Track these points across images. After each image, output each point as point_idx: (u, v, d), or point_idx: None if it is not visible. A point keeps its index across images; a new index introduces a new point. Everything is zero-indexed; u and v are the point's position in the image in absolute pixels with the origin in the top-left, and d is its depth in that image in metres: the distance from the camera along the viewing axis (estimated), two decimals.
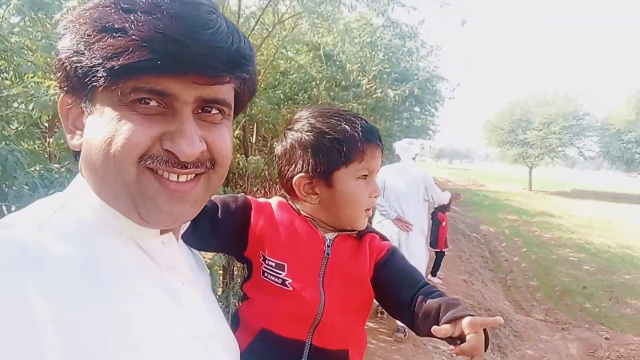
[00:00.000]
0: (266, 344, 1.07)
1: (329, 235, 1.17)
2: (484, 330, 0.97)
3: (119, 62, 0.62)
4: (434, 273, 7.63)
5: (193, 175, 0.74)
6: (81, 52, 0.65)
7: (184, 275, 0.83)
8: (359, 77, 6.68)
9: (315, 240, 1.15)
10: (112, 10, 0.65)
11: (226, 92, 0.75)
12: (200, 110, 0.72)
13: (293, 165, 1.18)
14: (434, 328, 0.99)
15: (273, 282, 1.11)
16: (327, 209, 1.17)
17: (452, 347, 0.99)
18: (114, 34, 0.63)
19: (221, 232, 1.10)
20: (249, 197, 1.21)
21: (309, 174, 1.16)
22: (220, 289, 3.93)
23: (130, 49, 0.62)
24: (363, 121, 1.16)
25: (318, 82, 5.82)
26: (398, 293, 1.15)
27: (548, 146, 36.86)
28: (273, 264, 1.11)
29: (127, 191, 0.69)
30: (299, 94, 5.46)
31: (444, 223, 7.74)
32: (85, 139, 0.71)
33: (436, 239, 7.68)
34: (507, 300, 8.52)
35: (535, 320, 7.46)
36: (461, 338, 0.96)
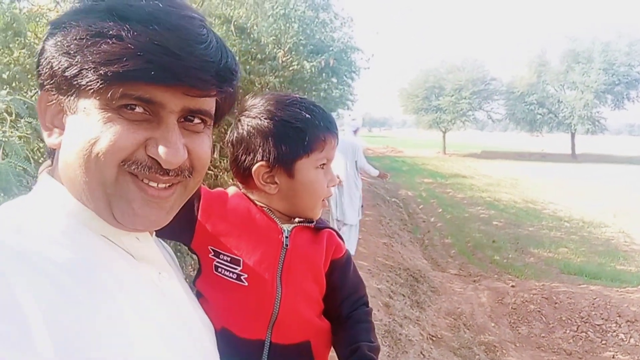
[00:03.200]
0: (226, 345, 1.01)
1: (287, 226, 1.14)
2: None
3: (113, 68, 0.63)
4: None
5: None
6: (72, 54, 0.65)
7: (160, 266, 0.83)
8: (275, 50, 6.67)
9: (272, 231, 1.12)
10: (107, 17, 0.65)
11: (210, 103, 0.77)
12: (183, 119, 0.73)
13: (252, 154, 1.14)
14: None
15: (227, 278, 1.07)
16: (285, 198, 1.15)
17: None
18: (109, 40, 0.64)
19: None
20: (202, 186, 1.14)
21: (270, 162, 1.12)
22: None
23: (126, 57, 0.63)
24: (321, 110, 1.16)
25: (234, 55, 5.76)
26: (339, 303, 1.18)
27: (459, 111, 38.78)
28: (228, 259, 1.07)
29: (104, 191, 0.69)
30: None
31: None
32: (67, 138, 0.71)
33: None
34: (425, 258, 9.05)
35: (450, 275, 8.01)
36: None
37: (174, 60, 0.65)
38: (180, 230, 1.09)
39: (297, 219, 1.17)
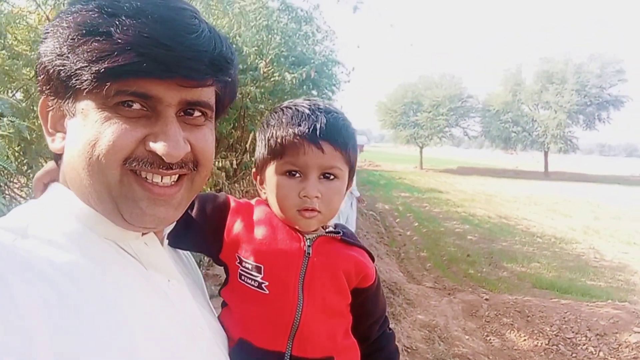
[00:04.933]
0: (244, 355, 1.00)
1: (311, 236, 1.09)
2: None
3: (104, 65, 0.63)
4: None
5: (177, 177, 0.74)
6: (64, 56, 0.65)
7: (169, 273, 0.82)
8: (257, 61, 6.70)
9: (293, 239, 1.07)
10: (96, 15, 0.65)
11: (208, 94, 0.75)
12: (182, 113, 0.73)
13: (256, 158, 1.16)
14: None
15: (249, 286, 1.04)
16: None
17: None
18: (99, 38, 0.63)
19: (195, 231, 1.00)
20: (230, 196, 1.14)
21: (256, 167, 1.14)
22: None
23: (116, 52, 0.63)
24: (321, 116, 1.06)
25: None
26: (367, 327, 1.18)
27: (436, 127, 39.39)
28: (250, 266, 1.04)
29: (110, 193, 0.69)
30: None
31: None
32: (69, 142, 0.70)
33: None
34: (401, 271, 9.11)
35: (425, 287, 8.07)
36: None
37: (165, 52, 0.65)
38: (210, 242, 1.08)
39: (322, 230, 1.13)
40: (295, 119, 1.05)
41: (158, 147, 0.69)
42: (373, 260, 1.18)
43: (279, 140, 1.05)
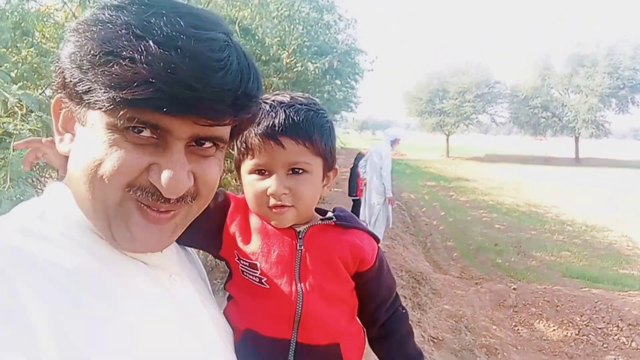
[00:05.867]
0: (251, 345, 1.01)
1: (301, 228, 1.09)
2: None
3: (122, 94, 0.60)
4: None
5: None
6: (84, 70, 0.62)
7: (171, 269, 0.82)
8: (279, 52, 6.70)
9: (285, 233, 1.08)
10: (124, 33, 0.61)
11: (224, 130, 0.73)
12: (194, 143, 0.70)
13: None
14: None
15: (252, 281, 1.07)
16: None
17: None
18: (122, 62, 0.60)
19: (196, 229, 0.95)
20: (229, 194, 1.14)
21: (235, 166, 1.14)
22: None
23: (136, 84, 0.60)
24: (280, 111, 1.04)
25: None
26: (372, 310, 1.17)
27: (463, 114, 38.83)
28: (247, 264, 1.07)
29: (106, 212, 0.68)
30: None
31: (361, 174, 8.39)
32: (75, 150, 0.70)
33: (355, 188, 8.55)
34: (427, 261, 9.05)
35: (452, 277, 8.00)
36: None
37: (187, 92, 0.61)
38: (210, 240, 1.10)
39: (317, 217, 1.13)
40: (257, 118, 1.02)
41: (160, 180, 0.67)
42: (378, 241, 1.17)
43: (243, 139, 1.05)
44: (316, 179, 1.09)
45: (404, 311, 1.23)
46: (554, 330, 6.03)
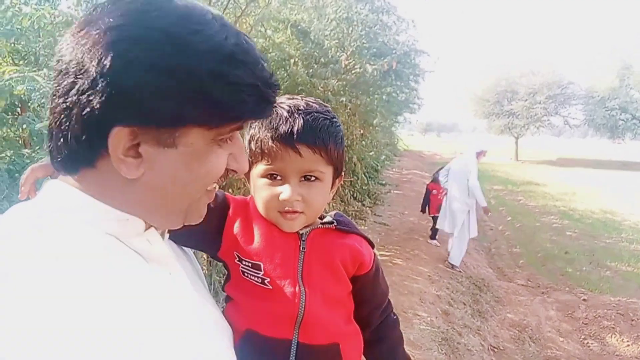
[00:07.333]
0: (252, 345, 1.02)
1: (304, 230, 1.11)
2: None
3: (234, 114, 0.69)
4: (432, 237, 8.64)
5: None
6: (191, 98, 0.64)
7: (170, 266, 0.83)
8: (338, 54, 6.71)
9: (288, 235, 1.09)
10: (221, 58, 0.65)
11: None
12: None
13: None
14: None
15: (254, 282, 1.07)
16: None
17: None
18: (231, 86, 0.67)
19: (195, 230, 0.94)
20: (228, 195, 1.15)
21: None
22: (204, 268, 4.02)
23: (247, 102, 0.69)
24: (299, 118, 1.03)
25: (297, 59, 5.85)
26: (367, 313, 1.18)
27: (533, 116, 37.10)
28: (250, 264, 1.07)
29: (183, 210, 0.77)
30: (277, 72, 5.46)
31: (434, 191, 8.44)
32: (156, 170, 0.69)
33: (428, 205, 8.65)
34: (490, 267, 8.73)
35: (516, 285, 7.67)
36: None
37: (272, 98, 0.73)
38: (209, 240, 1.10)
39: (318, 221, 1.14)
40: (274, 122, 1.04)
41: (238, 165, 0.77)
42: (373, 246, 1.18)
43: (258, 143, 1.05)
44: (327, 187, 1.11)
45: (395, 317, 1.26)
46: (628, 345, 5.62)
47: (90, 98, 0.62)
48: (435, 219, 8.55)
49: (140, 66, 0.62)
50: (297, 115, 1.03)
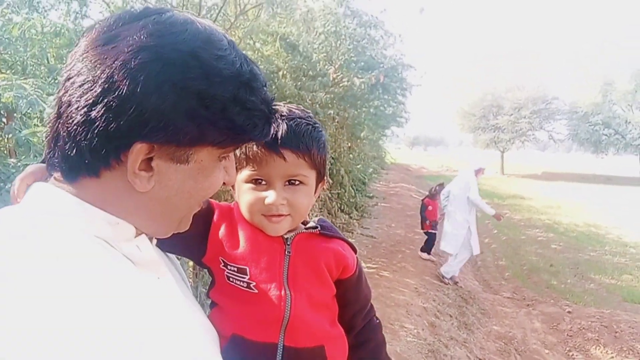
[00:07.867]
0: (239, 350, 1.02)
1: (289, 235, 1.11)
2: None
3: (248, 136, 0.75)
4: (425, 250, 8.66)
5: None
6: (208, 121, 0.69)
7: (158, 271, 0.84)
8: (326, 67, 6.77)
9: (273, 239, 1.10)
10: (237, 83, 0.70)
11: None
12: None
13: None
14: None
15: (239, 287, 1.07)
16: None
17: None
18: (247, 110, 0.72)
19: (180, 236, 0.92)
20: (213, 201, 1.15)
21: None
22: (190, 280, 3.99)
23: (259, 124, 0.75)
24: (282, 123, 1.05)
25: (285, 72, 5.89)
26: (351, 316, 1.19)
27: (518, 130, 37.61)
28: (235, 269, 1.07)
29: (177, 220, 0.81)
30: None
31: (429, 207, 8.57)
32: (164, 183, 0.72)
33: (423, 221, 8.69)
34: (476, 280, 8.77)
35: (502, 297, 7.72)
36: None
37: (270, 118, 0.79)
38: (194, 246, 1.10)
39: (302, 226, 1.15)
40: (266, 129, 1.04)
41: (228, 179, 0.83)
42: (355, 251, 1.19)
43: (243, 149, 1.06)
44: (311, 190, 1.13)
45: (377, 321, 1.27)
46: (612, 357, 5.66)
47: (119, 115, 0.63)
48: (428, 234, 8.64)
49: (171, 88, 0.64)
50: (280, 121, 1.05)
